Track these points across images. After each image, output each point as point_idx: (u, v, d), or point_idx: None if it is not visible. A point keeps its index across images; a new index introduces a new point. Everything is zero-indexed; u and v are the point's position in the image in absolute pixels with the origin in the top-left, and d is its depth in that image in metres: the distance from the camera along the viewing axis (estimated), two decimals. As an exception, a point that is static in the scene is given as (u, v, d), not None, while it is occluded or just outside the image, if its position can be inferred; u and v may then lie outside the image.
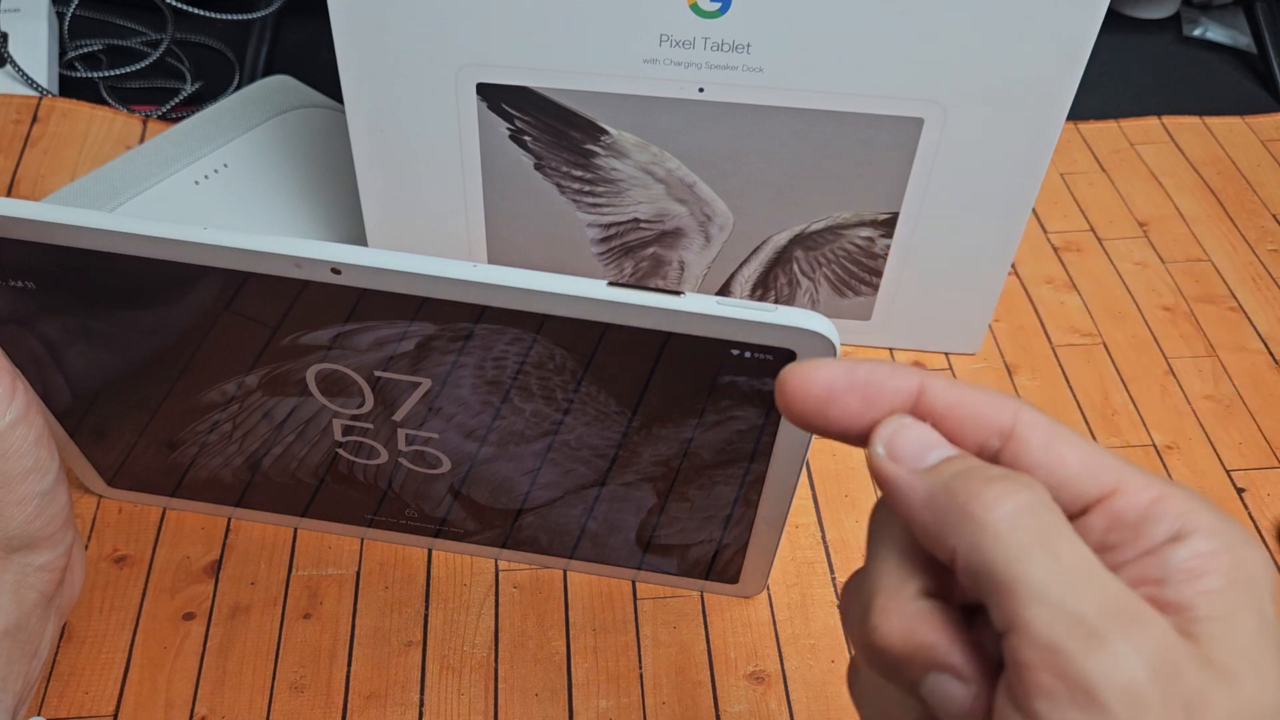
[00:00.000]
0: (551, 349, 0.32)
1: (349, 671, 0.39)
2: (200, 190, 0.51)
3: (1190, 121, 0.64)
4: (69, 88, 0.62)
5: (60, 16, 0.64)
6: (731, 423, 0.33)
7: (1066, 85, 0.40)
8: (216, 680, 0.38)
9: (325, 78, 0.57)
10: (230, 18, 0.62)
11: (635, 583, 0.42)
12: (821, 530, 0.44)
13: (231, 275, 0.31)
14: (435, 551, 0.42)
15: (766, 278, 0.48)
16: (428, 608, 0.41)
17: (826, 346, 0.30)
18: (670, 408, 0.33)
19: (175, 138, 0.53)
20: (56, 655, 0.39)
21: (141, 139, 0.58)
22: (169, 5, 0.61)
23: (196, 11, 0.61)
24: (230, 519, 0.43)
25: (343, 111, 0.55)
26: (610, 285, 0.30)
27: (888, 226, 0.45)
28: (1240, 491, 0.46)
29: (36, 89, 0.59)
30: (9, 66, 0.59)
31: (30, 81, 0.59)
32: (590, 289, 0.30)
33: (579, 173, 0.44)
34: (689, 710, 0.38)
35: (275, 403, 0.36)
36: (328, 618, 0.40)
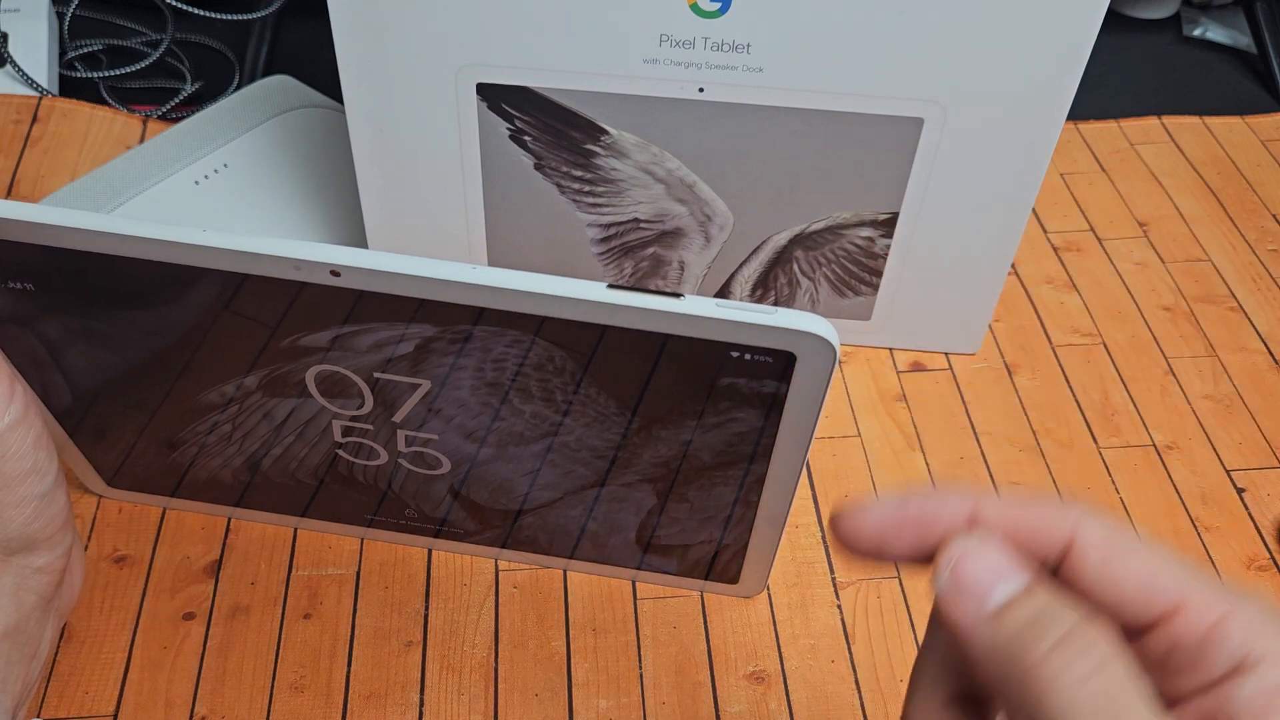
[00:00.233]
0: (551, 351, 0.32)
1: (349, 671, 0.39)
2: (200, 190, 0.51)
3: (1190, 121, 0.64)
4: (69, 88, 0.62)
5: (60, 16, 0.64)
6: (731, 424, 0.33)
7: (1066, 85, 0.40)
8: (216, 680, 0.38)
9: (325, 78, 0.57)
10: (230, 18, 0.62)
11: (635, 583, 0.42)
12: (821, 530, 0.44)
13: (230, 277, 0.31)
14: (435, 551, 0.42)
15: (766, 278, 0.48)
16: (428, 608, 0.41)
17: (826, 349, 0.30)
18: (670, 409, 0.33)
19: (175, 138, 0.53)
20: (56, 655, 0.39)
21: (141, 139, 0.58)
22: (169, 5, 0.61)
23: (196, 11, 0.61)
24: (230, 519, 0.43)
25: (343, 111, 0.55)
26: (610, 287, 0.29)
27: (888, 226, 0.45)
28: (1240, 491, 0.46)
29: (36, 89, 0.59)
30: (9, 66, 0.59)
31: (30, 81, 0.59)
32: (590, 291, 0.29)
33: (579, 173, 0.44)
34: (689, 710, 0.38)
35: (275, 404, 0.36)
36: (328, 618, 0.40)
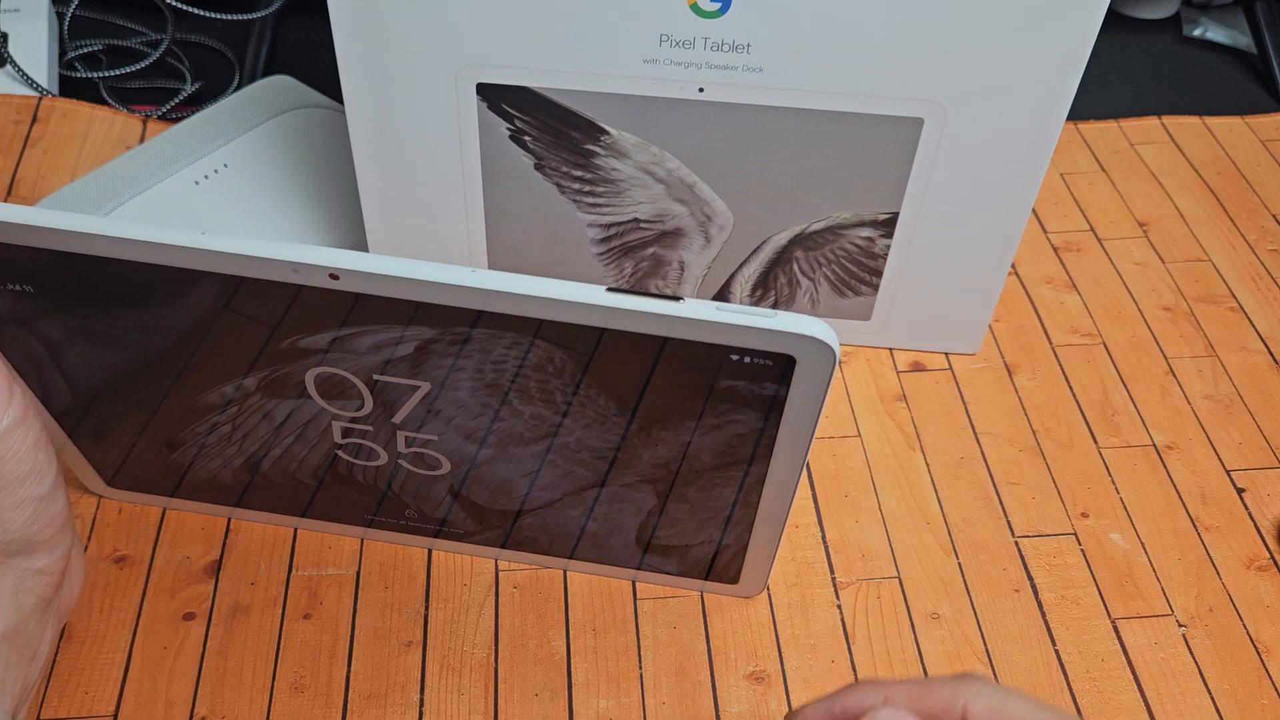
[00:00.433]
0: (551, 352, 0.32)
1: (349, 671, 0.39)
2: (200, 190, 0.51)
3: (1190, 121, 0.64)
4: (69, 88, 0.62)
5: (60, 16, 0.64)
6: (731, 426, 0.33)
7: (1066, 85, 0.40)
8: (216, 680, 0.38)
9: (325, 78, 0.57)
10: (230, 18, 0.62)
11: (635, 583, 0.42)
12: (821, 530, 0.44)
13: (229, 280, 0.31)
14: (435, 551, 0.42)
15: (766, 278, 0.48)
16: (428, 608, 0.41)
17: (826, 352, 0.30)
18: (669, 411, 0.33)
19: (175, 138, 0.53)
20: (56, 655, 0.39)
21: (141, 139, 0.58)
22: (169, 5, 0.61)
23: (196, 11, 0.61)
24: (230, 519, 0.43)
25: (343, 111, 0.55)
26: (610, 291, 0.29)
27: (888, 226, 0.45)
28: (1240, 491, 0.46)
29: (36, 89, 0.59)
30: (9, 66, 0.59)
31: (30, 81, 0.59)
32: (590, 295, 0.29)
33: (579, 173, 0.44)
34: (689, 710, 0.38)
35: (274, 405, 0.36)
36: (328, 618, 0.40)
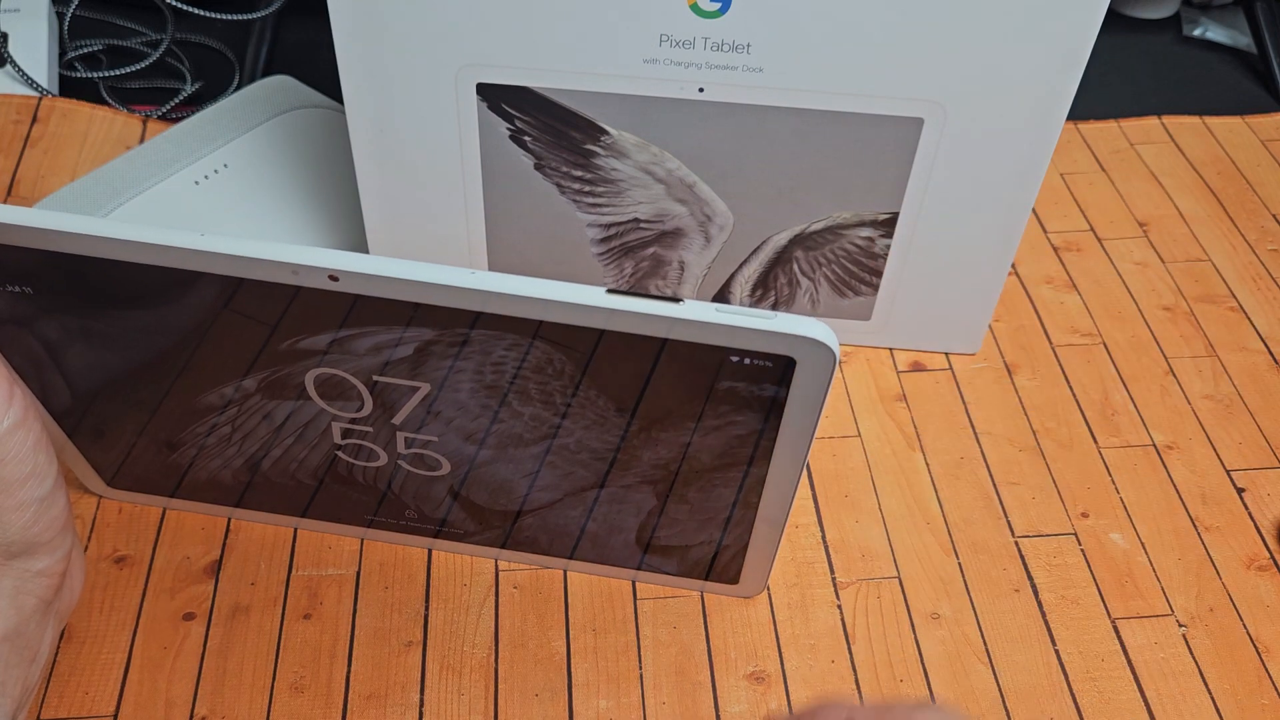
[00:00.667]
0: (550, 354, 0.32)
1: (349, 671, 0.39)
2: (200, 190, 0.51)
3: (1190, 121, 0.64)
4: (69, 88, 0.62)
5: (60, 16, 0.64)
6: (731, 427, 0.33)
7: (1066, 85, 0.40)
8: (216, 680, 0.38)
9: (325, 78, 0.57)
10: (230, 18, 0.62)
11: (635, 583, 0.42)
12: (821, 530, 0.44)
13: (229, 281, 0.31)
14: (435, 551, 0.42)
15: (766, 278, 0.48)
16: (428, 608, 0.41)
17: (826, 354, 0.30)
18: (669, 412, 0.33)
19: (175, 138, 0.53)
20: (56, 655, 0.39)
21: (141, 139, 0.58)
22: (169, 5, 0.61)
23: (196, 11, 0.61)
24: (230, 519, 0.43)
25: (343, 111, 0.55)
26: (609, 292, 0.29)
27: (888, 226, 0.45)
28: (1240, 491, 0.46)
29: (36, 89, 0.59)
30: (9, 66, 0.59)
31: (30, 81, 0.59)
32: (589, 296, 0.29)
33: (579, 173, 0.44)
34: (689, 710, 0.38)
35: (274, 406, 0.36)
36: (328, 618, 0.40)
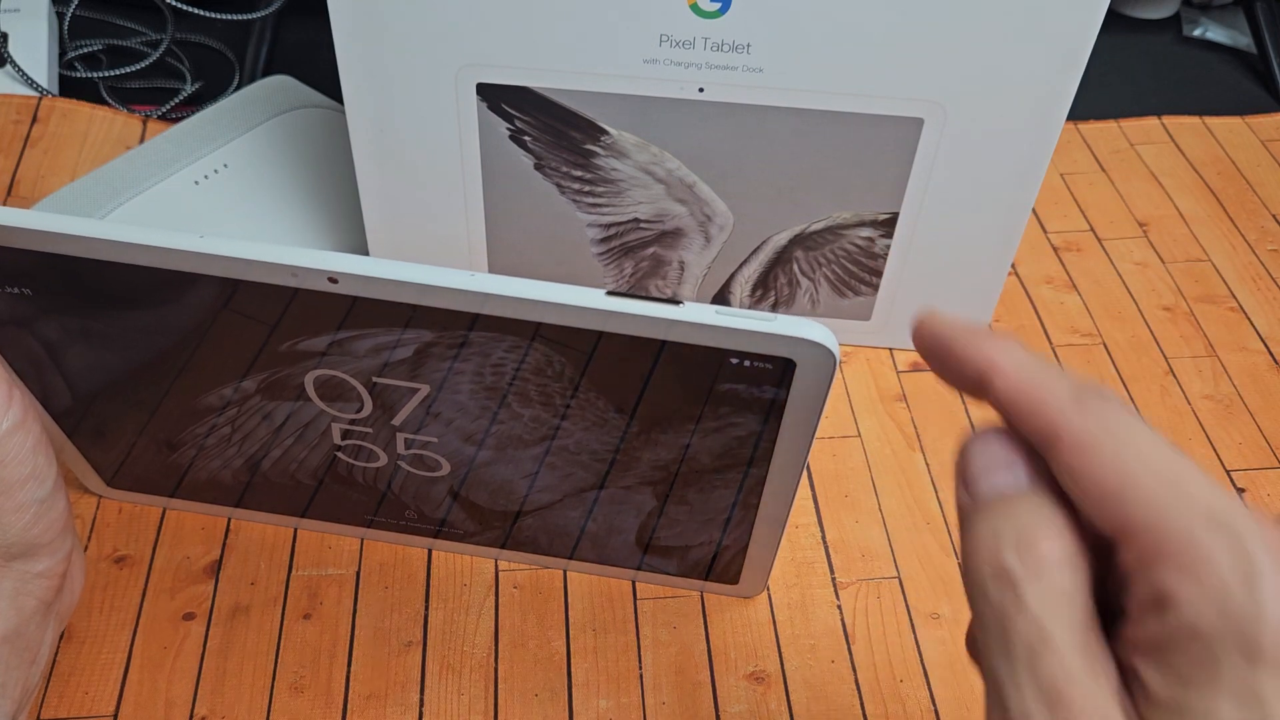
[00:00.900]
0: (550, 356, 0.32)
1: (349, 671, 0.39)
2: (200, 190, 0.51)
3: (1190, 121, 0.64)
4: (69, 88, 0.62)
5: (60, 16, 0.64)
6: (731, 429, 0.33)
7: (1066, 85, 0.40)
8: (216, 680, 0.38)
9: (325, 78, 0.57)
10: (230, 18, 0.62)
11: (635, 583, 0.42)
12: (821, 530, 0.44)
13: (228, 283, 0.31)
14: (435, 551, 0.42)
15: (766, 278, 0.48)
16: (428, 608, 0.41)
17: (826, 356, 0.30)
18: (669, 414, 0.33)
19: (175, 138, 0.53)
20: (56, 655, 0.39)
21: (141, 139, 0.58)
22: (169, 5, 0.61)
23: (196, 11, 0.61)
24: (230, 519, 0.43)
25: (343, 111, 0.55)
26: (609, 295, 0.29)
27: (888, 226, 0.45)
28: (1240, 491, 0.46)
29: (36, 89, 0.59)
30: (9, 66, 0.59)
31: (30, 81, 0.59)
32: (589, 298, 0.29)
33: (579, 173, 0.44)
34: (689, 710, 0.38)
35: (274, 407, 0.36)
36: (328, 618, 0.40)
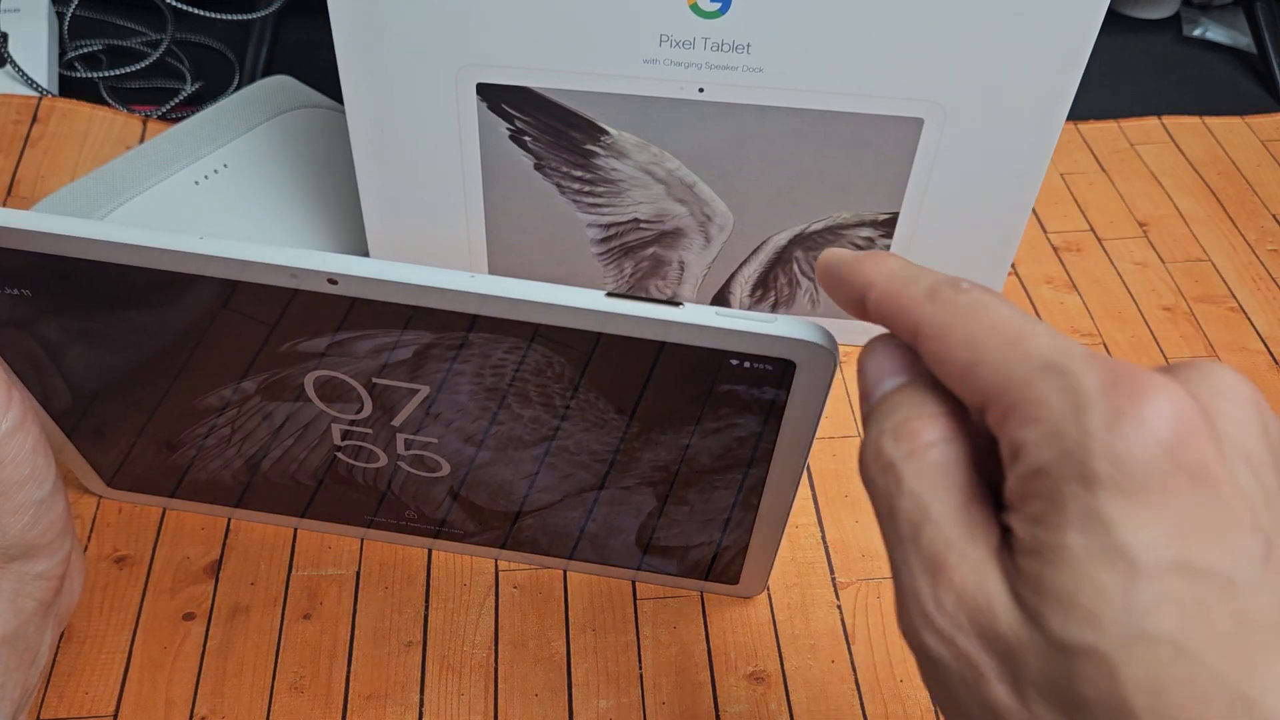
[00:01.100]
0: (550, 357, 0.32)
1: (349, 671, 0.39)
2: (200, 190, 0.51)
3: (1190, 121, 0.64)
4: (69, 88, 0.62)
5: (60, 16, 0.64)
6: (731, 430, 0.33)
7: (1066, 85, 0.40)
8: (216, 680, 0.38)
9: (325, 78, 0.57)
10: (230, 18, 0.62)
11: (635, 583, 0.42)
12: (821, 530, 0.44)
13: (227, 284, 0.31)
14: (435, 552, 0.42)
15: (766, 278, 0.48)
16: (428, 608, 0.41)
17: (826, 357, 0.30)
18: (669, 415, 0.33)
19: (175, 138, 0.53)
20: (56, 655, 0.39)
21: (141, 139, 0.58)
22: (169, 5, 0.61)
23: (196, 11, 0.61)
24: (230, 519, 0.43)
25: (343, 111, 0.55)
26: (609, 296, 0.29)
27: (888, 226, 0.45)
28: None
29: (36, 89, 0.59)
30: (9, 66, 0.59)
31: (30, 81, 0.59)
32: (589, 300, 0.29)
33: (579, 173, 0.44)
34: (689, 710, 0.38)
35: (274, 407, 0.36)
36: (328, 618, 0.40)
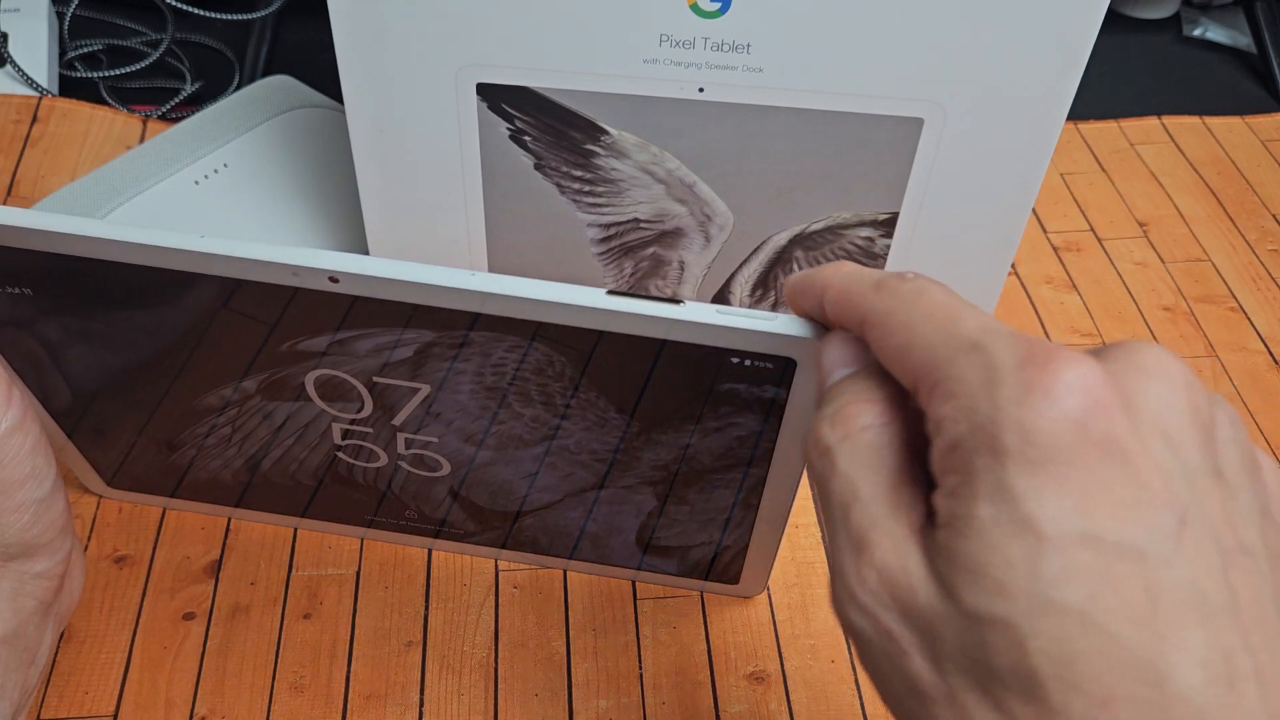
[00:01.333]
0: (550, 356, 0.32)
1: (349, 671, 0.39)
2: (200, 190, 0.51)
3: (1190, 121, 0.64)
4: (69, 88, 0.62)
5: (60, 16, 0.64)
6: (731, 429, 0.33)
7: (1066, 85, 0.40)
8: (216, 680, 0.38)
9: (325, 78, 0.57)
10: (230, 18, 0.62)
11: (635, 583, 0.42)
12: (821, 530, 0.44)
13: (228, 282, 0.31)
14: (435, 551, 0.42)
15: (766, 278, 0.48)
16: (428, 608, 0.41)
17: None
18: (669, 414, 0.33)
19: (175, 138, 0.53)
20: (56, 655, 0.39)
21: (141, 139, 0.58)
22: (169, 5, 0.61)
23: (196, 11, 0.61)
24: (230, 519, 0.43)
25: (343, 111, 0.55)
26: (610, 294, 0.29)
27: (888, 226, 0.45)
28: (1240, 492, 0.46)
29: (36, 89, 0.59)
30: (9, 66, 0.59)
31: (30, 81, 0.59)
32: (590, 298, 0.29)
33: (579, 173, 0.44)
34: (689, 710, 0.38)
35: (274, 407, 0.36)
36: (328, 618, 0.40)
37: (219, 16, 0.61)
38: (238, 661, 0.39)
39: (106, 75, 0.62)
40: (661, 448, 0.35)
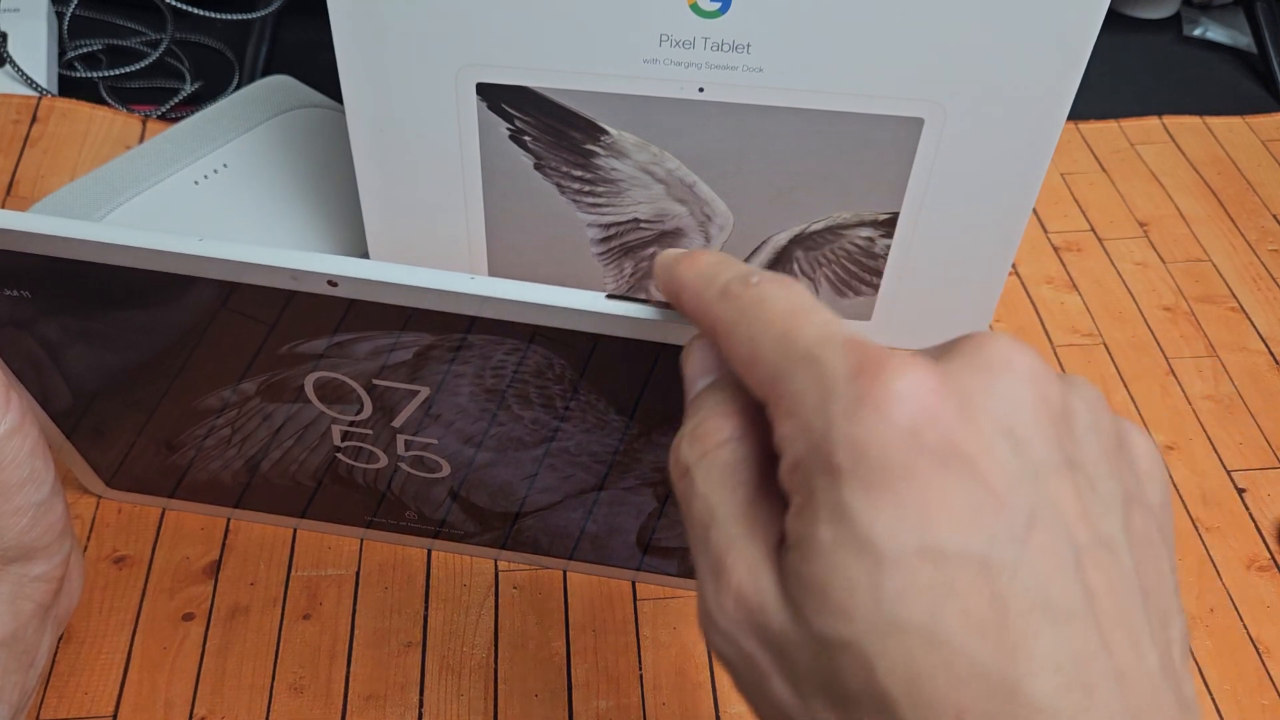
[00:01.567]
0: (550, 358, 0.32)
1: (349, 672, 0.39)
2: (200, 190, 0.51)
3: (1190, 121, 0.64)
4: (69, 88, 0.62)
5: (60, 16, 0.64)
6: (731, 430, 0.33)
7: (1066, 85, 0.40)
8: (216, 681, 0.38)
9: (325, 78, 0.57)
10: (230, 18, 0.62)
11: (635, 583, 0.42)
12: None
13: (226, 285, 0.31)
14: (435, 552, 0.42)
15: (766, 278, 0.48)
16: (427, 608, 0.41)
17: None
18: (669, 415, 0.33)
19: (175, 138, 0.53)
20: (56, 656, 0.39)
21: (141, 139, 0.58)
22: (169, 5, 0.61)
23: (196, 11, 0.61)
24: (230, 519, 0.43)
25: (343, 111, 0.55)
26: (609, 298, 0.29)
27: (888, 226, 0.45)
28: (1240, 491, 0.46)
29: (36, 89, 0.59)
30: (9, 66, 0.59)
31: (30, 81, 0.59)
32: (589, 302, 0.29)
33: (579, 173, 0.44)
34: (689, 711, 0.38)
35: (274, 409, 0.36)
36: (327, 618, 0.40)
37: (219, 16, 0.61)
38: (237, 662, 0.39)
39: (106, 75, 0.61)
40: (661, 449, 0.35)
